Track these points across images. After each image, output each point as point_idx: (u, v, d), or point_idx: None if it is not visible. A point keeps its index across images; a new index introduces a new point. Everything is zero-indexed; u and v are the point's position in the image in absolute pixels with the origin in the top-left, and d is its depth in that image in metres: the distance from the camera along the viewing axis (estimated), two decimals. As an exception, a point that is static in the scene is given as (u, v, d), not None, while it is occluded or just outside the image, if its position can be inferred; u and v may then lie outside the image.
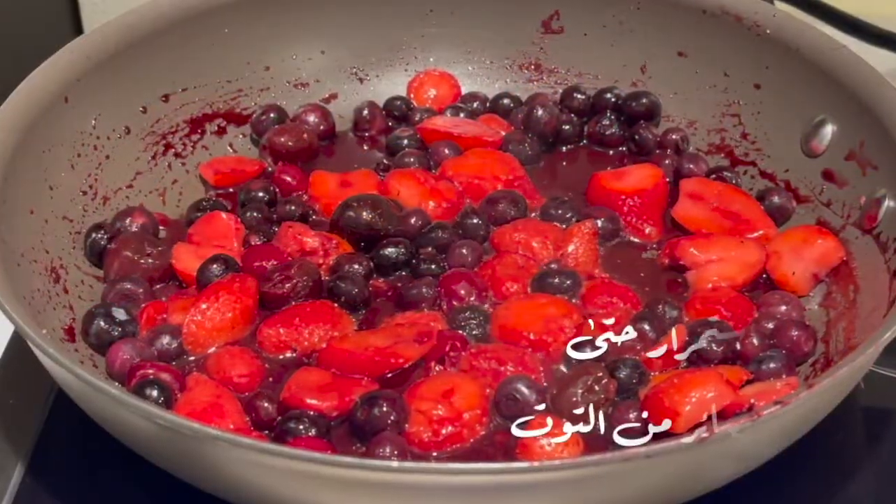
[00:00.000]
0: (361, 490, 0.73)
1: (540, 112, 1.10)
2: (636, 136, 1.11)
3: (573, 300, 0.93)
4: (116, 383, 0.88)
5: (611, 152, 1.12)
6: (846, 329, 0.90)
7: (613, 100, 1.13)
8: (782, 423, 0.76)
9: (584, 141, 1.13)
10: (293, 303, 0.93)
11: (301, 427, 0.83)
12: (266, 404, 0.86)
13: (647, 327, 0.89)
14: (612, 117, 1.12)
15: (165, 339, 0.90)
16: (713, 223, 1.01)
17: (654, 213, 1.02)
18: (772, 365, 0.87)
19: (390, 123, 1.14)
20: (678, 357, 0.87)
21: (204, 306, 0.91)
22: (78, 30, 1.30)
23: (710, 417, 0.79)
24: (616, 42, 1.14)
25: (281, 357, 0.91)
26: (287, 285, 0.93)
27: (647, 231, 1.02)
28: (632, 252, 1.00)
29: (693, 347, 0.88)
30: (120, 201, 1.02)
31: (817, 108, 1.01)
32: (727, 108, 1.10)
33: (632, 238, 1.02)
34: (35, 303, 0.89)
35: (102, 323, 0.91)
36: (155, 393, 0.85)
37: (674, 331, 0.87)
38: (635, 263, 0.99)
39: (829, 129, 1.01)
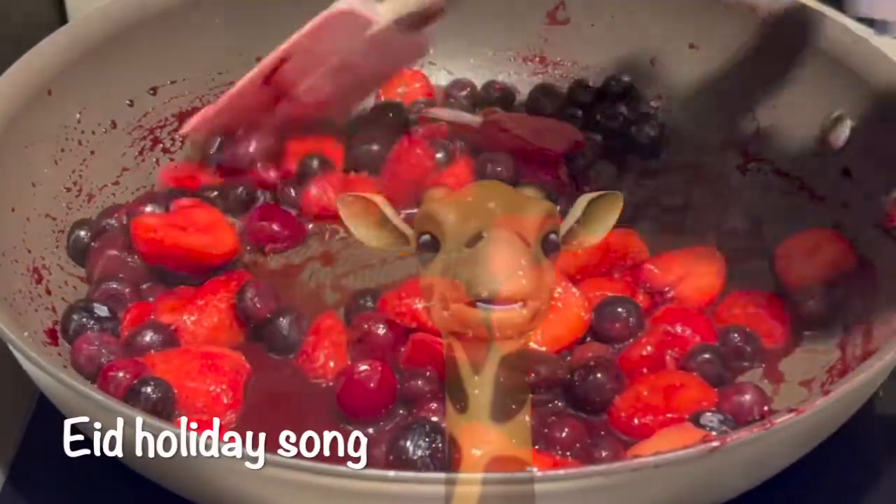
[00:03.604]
0: (358, 499, 0.70)
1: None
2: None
3: None
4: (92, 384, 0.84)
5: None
6: (864, 334, 0.88)
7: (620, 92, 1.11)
8: (797, 432, 0.74)
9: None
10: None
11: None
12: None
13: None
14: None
15: (148, 336, 0.87)
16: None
17: None
18: None
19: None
20: None
21: (201, 303, 0.89)
22: (62, 19, 1.28)
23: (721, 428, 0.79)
24: (625, 34, 1.12)
25: None
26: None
27: None
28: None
29: None
30: (105, 198, 1.01)
31: (835, 103, 0.99)
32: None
33: None
34: (16, 304, 0.87)
35: (84, 319, 0.88)
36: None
37: None
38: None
39: (846, 125, 0.98)
